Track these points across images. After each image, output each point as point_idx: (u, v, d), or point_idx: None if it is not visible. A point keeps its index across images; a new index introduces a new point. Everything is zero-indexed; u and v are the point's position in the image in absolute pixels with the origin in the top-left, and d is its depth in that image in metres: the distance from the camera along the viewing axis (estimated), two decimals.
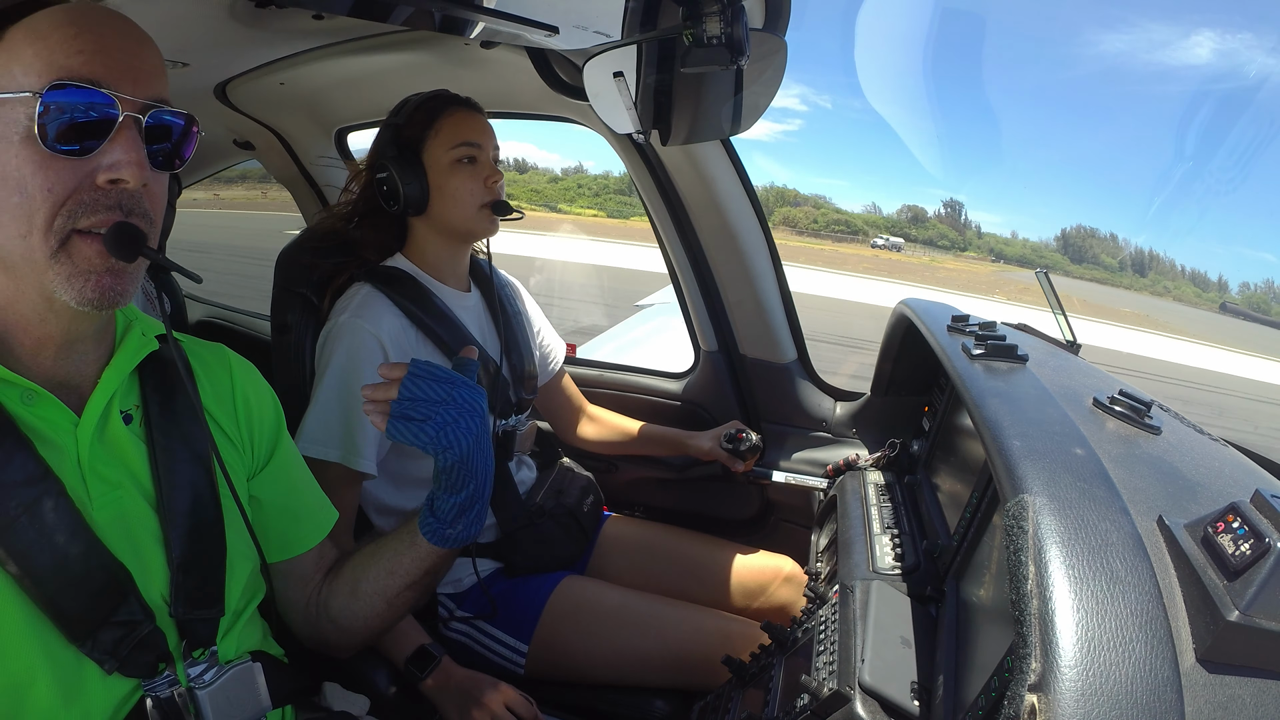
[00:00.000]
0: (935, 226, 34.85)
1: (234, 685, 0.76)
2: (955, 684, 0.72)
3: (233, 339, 0.93)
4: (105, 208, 0.65)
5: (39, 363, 0.70)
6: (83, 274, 0.65)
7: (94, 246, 0.65)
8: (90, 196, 0.64)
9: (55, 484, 0.67)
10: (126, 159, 0.64)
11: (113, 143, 0.64)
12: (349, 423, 1.17)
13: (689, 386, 1.76)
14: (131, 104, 0.65)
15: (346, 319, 1.21)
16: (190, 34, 1.38)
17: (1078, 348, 1.29)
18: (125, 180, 0.65)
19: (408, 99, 1.30)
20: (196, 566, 0.75)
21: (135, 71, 0.66)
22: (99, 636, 0.67)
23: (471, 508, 0.84)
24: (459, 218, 1.26)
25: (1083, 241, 35.73)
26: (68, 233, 0.64)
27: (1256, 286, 35.64)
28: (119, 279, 0.67)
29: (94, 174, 0.64)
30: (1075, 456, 0.66)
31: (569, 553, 1.42)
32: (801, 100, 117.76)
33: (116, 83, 0.64)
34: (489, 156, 1.27)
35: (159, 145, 0.69)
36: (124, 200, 0.66)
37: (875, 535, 1.08)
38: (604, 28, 1.05)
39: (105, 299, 0.66)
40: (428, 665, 1.13)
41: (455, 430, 0.80)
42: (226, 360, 0.87)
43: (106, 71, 0.64)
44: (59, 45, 0.63)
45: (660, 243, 1.66)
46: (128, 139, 0.65)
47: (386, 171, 1.24)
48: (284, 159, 2.15)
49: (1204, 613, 0.51)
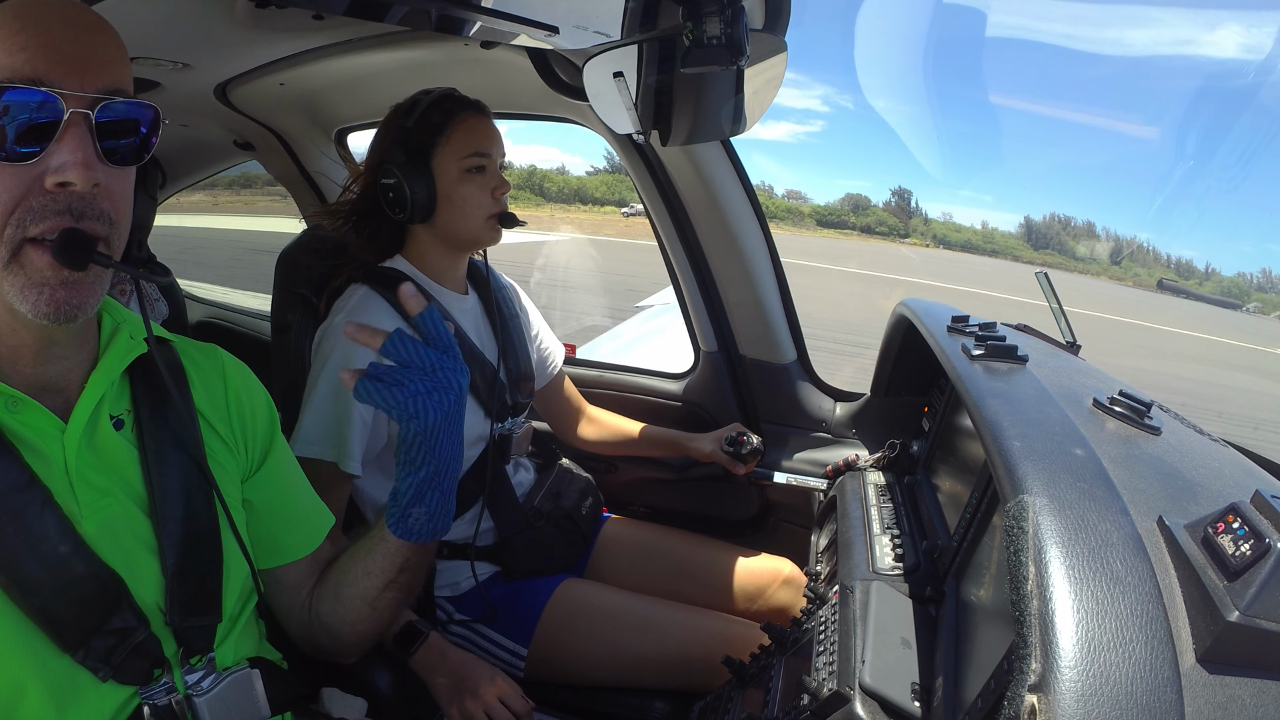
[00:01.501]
0: (875, 214, 35.21)
1: (232, 692, 0.76)
2: (955, 684, 0.72)
3: (232, 339, 0.93)
4: (54, 213, 0.61)
5: (18, 370, 0.68)
6: (35, 286, 0.62)
7: (45, 257, 0.62)
8: (39, 202, 0.61)
9: (41, 491, 0.65)
10: (73, 159, 0.61)
11: (59, 143, 0.61)
12: (341, 424, 1.17)
13: (689, 387, 1.76)
14: (78, 99, 0.61)
15: (342, 320, 1.20)
16: (190, 34, 1.38)
17: (1078, 348, 1.29)
18: (73, 183, 0.61)
19: (417, 99, 1.27)
20: (191, 574, 0.73)
21: (84, 63, 0.62)
22: (91, 645, 0.66)
23: (431, 491, 0.78)
24: (465, 229, 1.25)
25: (1052, 230, 35.99)
26: (19, 242, 0.61)
27: (1254, 276, 35.71)
28: (74, 291, 0.63)
29: (42, 177, 0.61)
30: (1075, 457, 0.66)
31: (567, 556, 1.42)
32: (824, 101, 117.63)
33: (61, 78, 0.61)
34: (497, 165, 1.26)
35: (120, 140, 0.65)
36: (74, 204, 0.62)
37: (875, 536, 1.08)
38: (604, 28, 1.05)
39: (60, 312, 0.63)
40: (414, 642, 1.13)
41: (426, 400, 0.74)
42: (220, 361, 0.85)
43: (50, 67, 0.61)
44: (2, 45, 0.61)
45: (660, 243, 1.66)
46: (74, 138, 0.61)
47: (394, 178, 1.21)
48: (284, 160, 2.15)
49: (1204, 613, 0.51)
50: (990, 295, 12.78)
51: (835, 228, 27.01)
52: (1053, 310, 1.35)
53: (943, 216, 53.24)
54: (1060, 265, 26.78)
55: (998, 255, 30.26)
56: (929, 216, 40.14)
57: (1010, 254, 29.06)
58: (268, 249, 1.71)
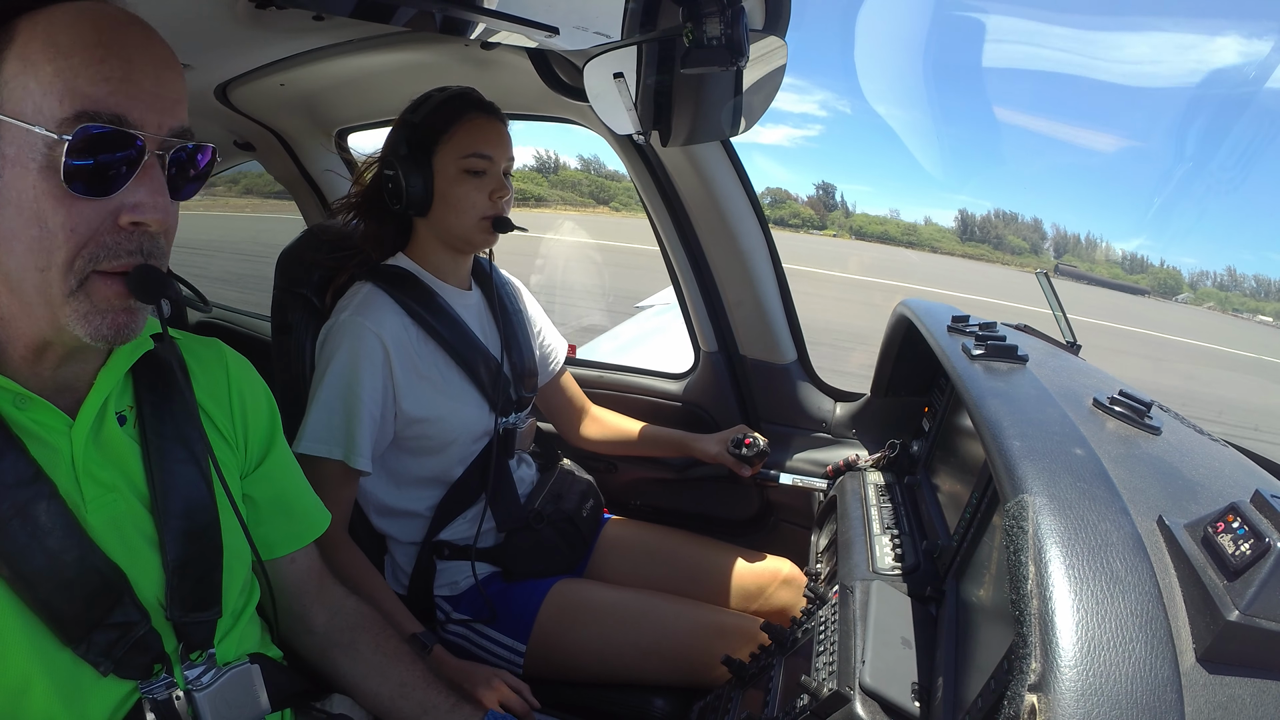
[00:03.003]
0: (792, 206, 36.52)
1: (232, 688, 0.76)
2: (955, 684, 0.72)
3: (232, 339, 0.93)
4: (127, 252, 0.63)
5: (37, 373, 0.69)
6: (100, 312, 0.64)
7: (114, 287, 0.64)
8: (112, 239, 0.63)
9: (48, 486, 0.66)
10: (151, 202, 0.63)
11: (137, 182, 0.63)
12: (350, 421, 1.18)
13: (689, 387, 1.76)
14: (155, 141, 0.63)
15: (348, 317, 1.21)
16: (190, 34, 1.38)
17: (1078, 348, 1.29)
18: (148, 224, 0.64)
19: (429, 95, 1.28)
20: (192, 569, 0.74)
21: (160, 101, 0.64)
22: (93, 639, 0.67)
23: None
24: (457, 227, 1.26)
25: (991, 225, 36.47)
26: (87, 274, 0.63)
27: (1217, 274, 35.89)
28: (134, 315, 0.66)
29: (117, 213, 0.63)
30: (1075, 456, 0.66)
31: (567, 559, 1.42)
32: (822, 106, 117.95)
33: (142, 117, 0.62)
34: (500, 170, 1.25)
35: (186, 181, 0.68)
36: (145, 243, 0.64)
37: (875, 536, 1.08)
38: (604, 28, 1.05)
39: (120, 335, 0.65)
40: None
41: None
42: (222, 356, 0.86)
43: (131, 104, 0.62)
44: (83, 69, 0.60)
45: (660, 243, 1.66)
46: (152, 179, 0.63)
47: (394, 169, 1.23)
48: (284, 160, 2.15)
49: (1204, 613, 0.51)
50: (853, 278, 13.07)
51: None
52: (1052, 310, 1.35)
53: (924, 220, 54.08)
54: (985, 257, 27.35)
55: (915, 246, 30.99)
56: (852, 210, 41.17)
57: (929, 245, 29.49)
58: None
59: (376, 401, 1.20)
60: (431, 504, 1.33)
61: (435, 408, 1.26)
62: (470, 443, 1.33)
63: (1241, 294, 27.31)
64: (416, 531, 1.34)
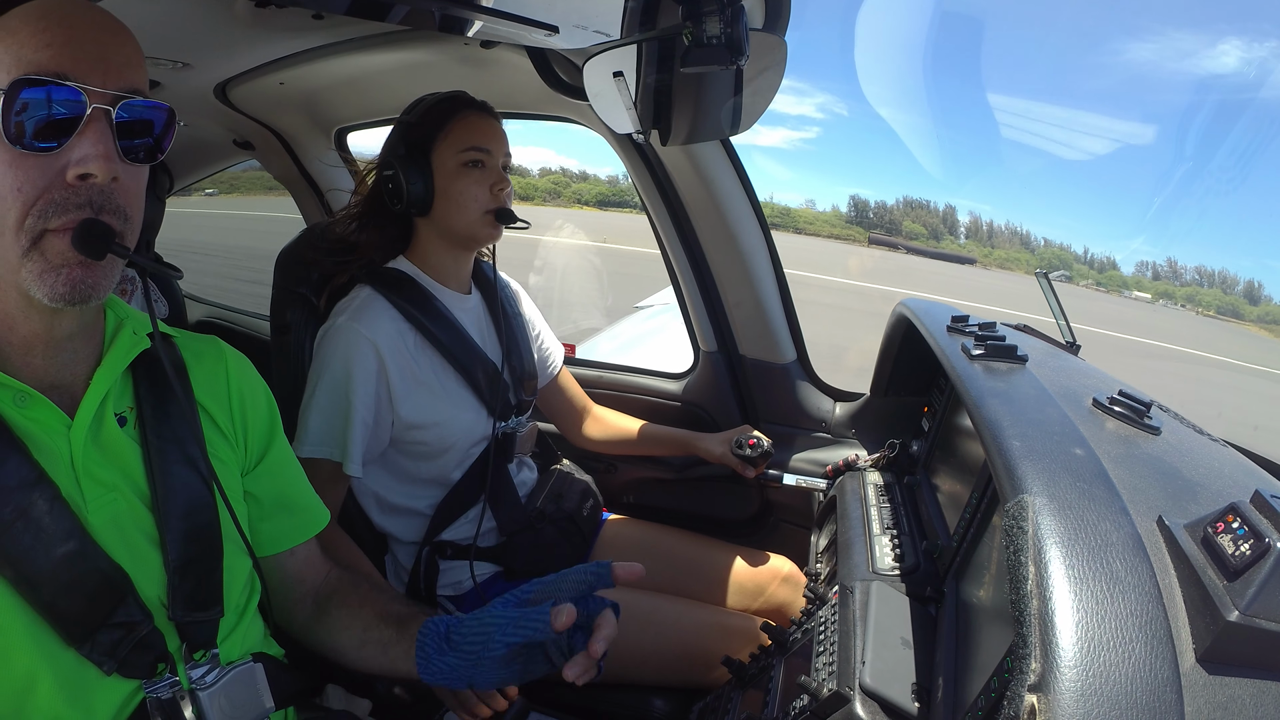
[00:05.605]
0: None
1: (236, 686, 0.76)
2: (955, 684, 0.72)
3: (232, 339, 0.93)
4: (75, 206, 0.64)
5: (29, 364, 0.69)
6: (54, 269, 0.64)
7: (64, 241, 0.64)
8: (61, 195, 0.63)
9: (50, 487, 0.66)
10: (95, 153, 0.63)
11: (80, 136, 0.63)
12: (344, 425, 1.19)
13: (688, 387, 1.76)
14: (100, 96, 0.64)
15: (344, 322, 1.21)
16: (190, 34, 1.38)
17: (1077, 348, 1.29)
18: (94, 175, 0.64)
19: (423, 97, 1.29)
20: (193, 569, 0.74)
21: (105, 63, 0.65)
22: (97, 638, 0.67)
23: (462, 676, 0.83)
24: (461, 222, 1.26)
25: (892, 211, 36.11)
26: (39, 232, 0.63)
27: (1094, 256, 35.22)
28: (89, 271, 0.65)
29: (64, 170, 0.63)
30: (1075, 457, 0.66)
31: (568, 558, 1.42)
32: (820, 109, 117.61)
33: (85, 75, 0.63)
34: (498, 163, 1.26)
35: (136, 139, 0.67)
36: (94, 197, 0.64)
37: (875, 536, 1.07)
38: (604, 27, 1.05)
39: (76, 293, 0.65)
40: None
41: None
42: (221, 353, 0.86)
43: (74, 64, 0.63)
44: (28, 40, 0.62)
45: (660, 243, 1.66)
46: (95, 132, 0.64)
47: (393, 170, 1.23)
48: (284, 159, 2.15)
49: (1204, 613, 0.51)
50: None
51: (618, 207, 27.47)
52: (1052, 310, 1.35)
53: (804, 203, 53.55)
54: (854, 238, 27.54)
55: (779, 229, 31.33)
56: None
57: (793, 227, 29.19)
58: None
59: (370, 409, 1.20)
60: (432, 503, 1.33)
61: (432, 413, 1.26)
62: (468, 447, 1.33)
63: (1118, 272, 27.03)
64: (417, 530, 1.34)
